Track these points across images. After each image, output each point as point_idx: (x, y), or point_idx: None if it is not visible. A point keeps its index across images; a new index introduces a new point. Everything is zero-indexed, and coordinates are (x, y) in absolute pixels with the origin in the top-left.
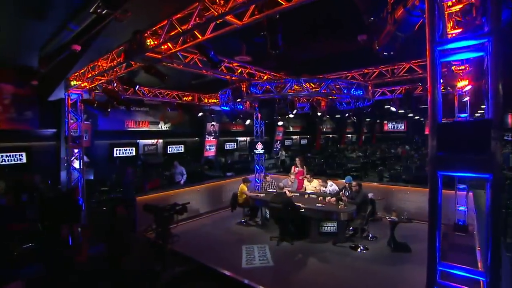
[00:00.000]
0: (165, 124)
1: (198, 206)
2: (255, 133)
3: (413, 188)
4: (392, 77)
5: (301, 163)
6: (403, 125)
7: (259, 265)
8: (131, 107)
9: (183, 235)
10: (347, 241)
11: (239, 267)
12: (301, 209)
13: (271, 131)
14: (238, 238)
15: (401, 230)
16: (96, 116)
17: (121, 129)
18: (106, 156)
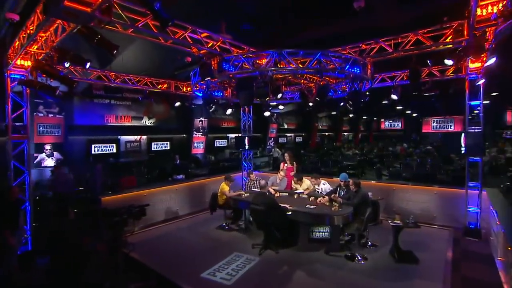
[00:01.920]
0: (150, 119)
1: (176, 208)
2: (242, 127)
3: (416, 187)
4: (396, 51)
5: (290, 159)
6: (400, 123)
7: (234, 280)
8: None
9: (152, 241)
10: (342, 250)
11: (209, 282)
12: (288, 211)
13: (265, 127)
14: (215, 245)
15: (404, 235)
16: (71, 110)
17: (100, 124)
18: (83, 153)
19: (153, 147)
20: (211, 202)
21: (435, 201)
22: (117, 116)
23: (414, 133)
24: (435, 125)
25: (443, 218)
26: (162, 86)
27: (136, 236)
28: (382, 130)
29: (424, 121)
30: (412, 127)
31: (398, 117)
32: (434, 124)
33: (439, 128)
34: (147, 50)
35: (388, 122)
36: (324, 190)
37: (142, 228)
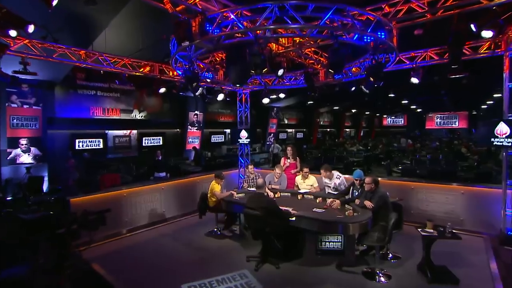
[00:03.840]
0: (140, 112)
1: (161, 210)
2: (238, 118)
3: (438, 185)
4: (430, 10)
5: (293, 154)
6: (402, 119)
7: None
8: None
9: (125, 252)
10: (358, 264)
11: None
12: (291, 216)
13: (264, 122)
14: (202, 257)
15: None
16: (51, 100)
17: (85, 117)
18: (66, 149)
19: (144, 143)
20: (200, 204)
21: (462, 202)
22: (104, 109)
23: (417, 129)
24: (439, 121)
25: (473, 222)
26: (144, 69)
27: (108, 246)
28: (384, 127)
29: (428, 117)
30: (415, 123)
31: (401, 113)
32: (438, 120)
33: (442, 124)
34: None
35: (391, 118)
36: (338, 186)
37: (117, 235)
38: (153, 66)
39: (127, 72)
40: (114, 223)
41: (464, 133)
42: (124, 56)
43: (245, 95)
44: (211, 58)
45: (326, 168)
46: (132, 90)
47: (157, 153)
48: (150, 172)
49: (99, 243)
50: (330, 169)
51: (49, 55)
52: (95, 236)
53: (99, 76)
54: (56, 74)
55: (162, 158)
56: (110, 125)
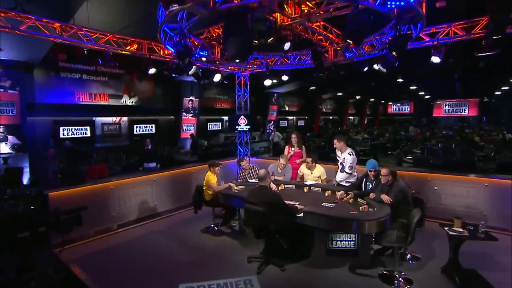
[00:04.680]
0: (131, 98)
1: (153, 204)
2: (237, 104)
3: (458, 177)
4: None
5: (298, 142)
6: (408, 107)
7: None
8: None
9: (112, 251)
10: (373, 265)
11: None
12: (298, 212)
13: (264, 109)
14: (196, 257)
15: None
16: (29, 84)
17: (70, 103)
18: (49, 138)
19: (136, 131)
20: (196, 197)
21: (486, 195)
22: (90, 94)
23: (424, 117)
24: (447, 108)
25: (497, 218)
26: (130, 47)
27: (93, 244)
28: (389, 114)
29: (436, 105)
30: (422, 111)
31: (408, 100)
32: (446, 107)
33: (451, 112)
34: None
35: (396, 105)
36: (345, 163)
37: (103, 232)
38: (141, 43)
39: (111, 50)
40: (100, 219)
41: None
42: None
43: (244, 78)
44: (206, 34)
45: (340, 138)
46: (121, 73)
47: (146, 141)
48: (140, 163)
49: (82, 242)
50: (343, 139)
51: (15, 27)
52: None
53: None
54: (33, 54)
55: (152, 147)
56: (98, 112)
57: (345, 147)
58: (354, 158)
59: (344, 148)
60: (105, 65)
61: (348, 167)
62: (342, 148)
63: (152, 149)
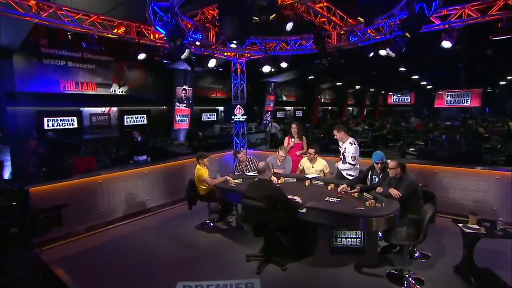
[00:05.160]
0: (120, 87)
1: (144, 198)
2: (233, 92)
3: (467, 170)
4: None
5: (298, 132)
6: (409, 97)
7: None
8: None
9: (100, 249)
10: (380, 264)
11: None
12: (300, 207)
13: (261, 99)
14: (190, 256)
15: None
16: (8, 71)
17: (54, 91)
18: (32, 129)
19: (126, 121)
20: (189, 192)
21: (497, 189)
22: (77, 83)
23: (425, 108)
24: (449, 99)
25: (509, 213)
26: (118, 30)
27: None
28: (389, 105)
29: (437, 95)
30: (423, 102)
31: (409, 90)
32: (448, 98)
33: (453, 103)
34: None
35: (396, 96)
36: (347, 153)
37: (90, 230)
38: (129, 26)
39: (97, 33)
40: (87, 216)
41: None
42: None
43: (241, 65)
44: (200, 15)
45: (339, 128)
46: (110, 61)
47: (134, 133)
48: (130, 156)
49: (68, 240)
50: (343, 129)
51: None
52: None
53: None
54: (10, 38)
55: (142, 139)
56: (86, 102)
57: (347, 137)
58: (356, 147)
59: (346, 138)
60: (92, 52)
61: (351, 157)
62: (343, 138)
63: (141, 141)
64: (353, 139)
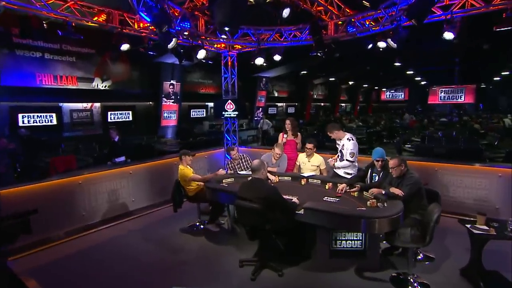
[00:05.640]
0: (103, 81)
1: (129, 200)
2: (223, 87)
3: (469, 167)
4: None
5: (293, 128)
6: (403, 93)
7: None
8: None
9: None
10: (382, 267)
11: None
12: (298, 209)
13: (252, 95)
14: (177, 261)
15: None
16: None
17: (30, 85)
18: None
19: (110, 118)
20: (175, 193)
21: (499, 186)
22: (55, 76)
23: (418, 104)
24: (443, 95)
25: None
26: (98, 18)
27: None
28: (382, 101)
29: (431, 91)
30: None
31: (402, 86)
32: (442, 94)
33: (447, 99)
34: None
35: (390, 92)
36: (345, 150)
37: (70, 235)
38: (111, 14)
39: (74, 20)
40: (66, 219)
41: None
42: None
43: (232, 58)
44: (188, 3)
45: (332, 128)
46: (91, 54)
47: (111, 132)
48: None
49: (45, 247)
50: (337, 127)
51: None
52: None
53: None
54: None
55: (119, 139)
56: (65, 97)
57: (343, 134)
58: (355, 143)
59: (342, 134)
60: (72, 43)
61: (349, 153)
62: (339, 136)
63: (119, 141)
64: (350, 135)
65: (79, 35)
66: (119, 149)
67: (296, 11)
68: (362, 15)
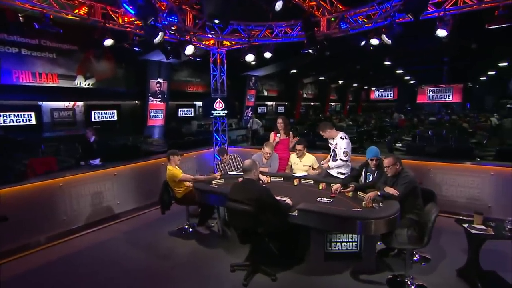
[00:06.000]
0: (86, 79)
1: (114, 202)
2: (212, 85)
3: (461, 165)
4: None
5: (285, 127)
6: (392, 92)
7: None
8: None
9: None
10: (379, 269)
11: None
12: (291, 210)
13: (241, 94)
14: (166, 267)
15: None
16: None
17: (6, 83)
18: None
19: (94, 117)
20: (163, 195)
21: (491, 185)
22: (34, 73)
23: (408, 103)
24: (432, 94)
25: (505, 210)
26: (79, 11)
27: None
28: (372, 101)
29: (420, 90)
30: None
31: (391, 85)
32: (430, 93)
33: (435, 98)
34: None
35: (379, 91)
36: (338, 149)
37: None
38: (93, 7)
39: (52, 13)
40: (46, 225)
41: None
42: None
43: (221, 55)
44: None
45: (324, 127)
46: (73, 50)
47: (88, 133)
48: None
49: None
50: (329, 126)
51: None
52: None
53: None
54: None
55: (95, 139)
56: (45, 95)
57: (335, 132)
58: (348, 142)
59: (334, 133)
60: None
61: (343, 153)
62: (332, 135)
63: (94, 142)
64: (343, 134)
65: (58, 28)
66: (94, 151)
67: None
68: (355, 11)
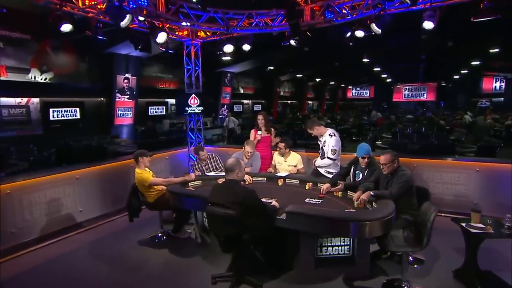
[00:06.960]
0: (42, 73)
1: (76, 209)
2: (186, 79)
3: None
4: None
5: (266, 124)
6: (368, 91)
7: None
8: None
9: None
10: (373, 274)
11: None
12: (279, 214)
13: (216, 91)
14: (137, 281)
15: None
16: None
17: None
18: None
19: (53, 116)
20: (131, 200)
21: (477, 181)
22: None
23: (384, 102)
24: (407, 93)
25: (490, 206)
26: None
27: None
28: (349, 99)
29: (396, 89)
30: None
31: (368, 83)
32: (406, 92)
33: (410, 97)
34: None
35: (356, 90)
36: (327, 146)
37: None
38: None
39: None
40: None
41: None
42: None
43: (195, 48)
44: None
45: (311, 124)
46: (26, 39)
47: None
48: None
49: None
50: (317, 123)
51: None
52: None
53: None
54: None
55: None
56: None
57: (324, 129)
58: (337, 139)
59: (323, 130)
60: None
61: (331, 150)
62: (321, 132)
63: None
64: (332, 130)
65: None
66: None
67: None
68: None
